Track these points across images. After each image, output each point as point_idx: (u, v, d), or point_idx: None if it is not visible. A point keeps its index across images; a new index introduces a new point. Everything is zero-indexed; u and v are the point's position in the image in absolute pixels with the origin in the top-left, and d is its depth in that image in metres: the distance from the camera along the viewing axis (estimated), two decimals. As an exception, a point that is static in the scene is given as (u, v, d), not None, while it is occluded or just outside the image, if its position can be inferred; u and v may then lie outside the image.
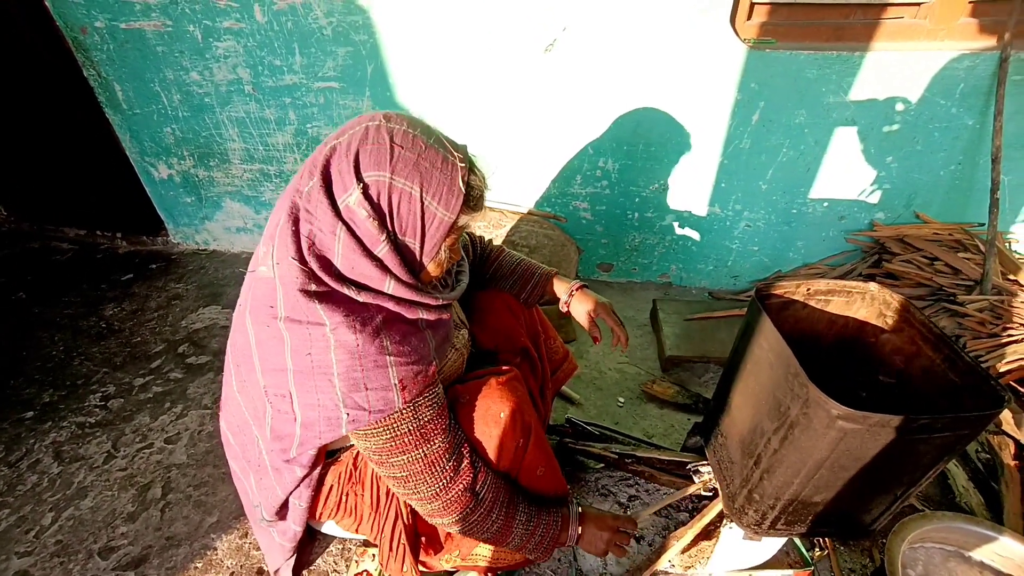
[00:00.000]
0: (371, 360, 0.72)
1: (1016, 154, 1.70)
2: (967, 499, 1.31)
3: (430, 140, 0.73)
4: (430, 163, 0.71)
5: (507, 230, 2.03)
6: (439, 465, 0.81)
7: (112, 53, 1.89)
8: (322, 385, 0.73)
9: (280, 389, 0.77)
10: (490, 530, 0.88)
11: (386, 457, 0.79)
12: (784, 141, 1.78)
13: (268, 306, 0.74)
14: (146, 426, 1.60)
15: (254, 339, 0.78)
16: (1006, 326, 1.57)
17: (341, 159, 0.71)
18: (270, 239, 0.75)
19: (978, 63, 1.57)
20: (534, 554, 0.96)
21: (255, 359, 0.79)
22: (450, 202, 0.73)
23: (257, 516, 1.00)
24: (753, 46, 1.62)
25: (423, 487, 0.82)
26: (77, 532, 1.32)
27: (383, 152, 0.70)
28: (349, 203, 0.70)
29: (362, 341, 0.72)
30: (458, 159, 0.74)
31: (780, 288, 0.96)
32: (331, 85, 1.88)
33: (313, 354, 0.72)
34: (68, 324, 2.02)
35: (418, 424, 0.78)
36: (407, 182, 0.70)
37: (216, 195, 2.27)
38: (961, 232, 1.82)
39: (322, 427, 0.76)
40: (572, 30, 1.65)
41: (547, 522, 0.94)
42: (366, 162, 0.70)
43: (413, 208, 0.72)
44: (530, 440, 0.93)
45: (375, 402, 0.74)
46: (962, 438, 0.73)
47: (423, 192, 0.71)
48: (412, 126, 0.73)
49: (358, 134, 0.72)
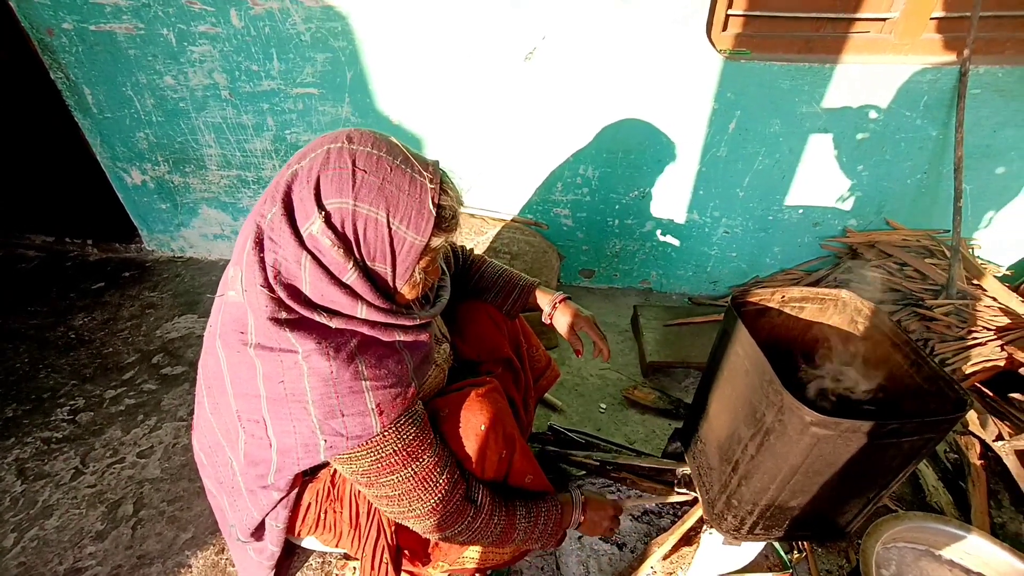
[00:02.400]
0: (346, 386, 0.71)
1: (977, 164, 1.77)
2: (937, 498, 1.35)
3: (396, 160, 0.69)
4: (396, 186, 0.68)
5: (489, 237, 2.03)
6: (431, 480, 0.80)
7: (81, 56, 1.84)
8: (297, 413, 0.72)
9: (253, 415, 0.75)
10: (494, 533, 0.88)
11: (374, 479, 0.78)
12: (760, 149, 1.82)
13: (239, 332, 0.72)
14: (117, 440, 1.55)
15: (225, 364, 0.76)
16: (971, 329, 1.63)
17: (302, 185, 0.68)
18: (237, 262, 0.73)
19: (940, 77, 1.64)
20: (540, 543, 0.96)
21: (227, 383, 0.77)
22: (420, 225, 0.70)
23: (233, 535, 0.97)
24: (728, 57, 1.66)
25: (418, 504, 0.80)
26: (41, 553, 1.26)
27: (345, 178, 0.66)
28: (312, 231, 0.67)
29: (336, 368, 0.70)
30: (427, 179, 0.71)
31: (756, 296, 0.98)
32: (310, 91, 1.86)
33: (286, 382, 0.70)
34: (34, 335, 1.94)
35: (403, 444, 0.77)
36: (372, 208, 0.67)
37: (192, 201, 2.22)
38: (928, 238, 1.89)
39: (299, 453, 0.74)
40: (552, 39, 1.67)
41: (547, 509, 0.94)
42: (327, 189, 0.67)
43: (380, 234, 0.69)
44: (515, 450, 0.92)
45: (352, 428, 0.72)
46: (928, 441, 0.76)
47: (390, 217, 0.68)
48: (377, 146, 0.69)
49: (319, 157, 0.68)
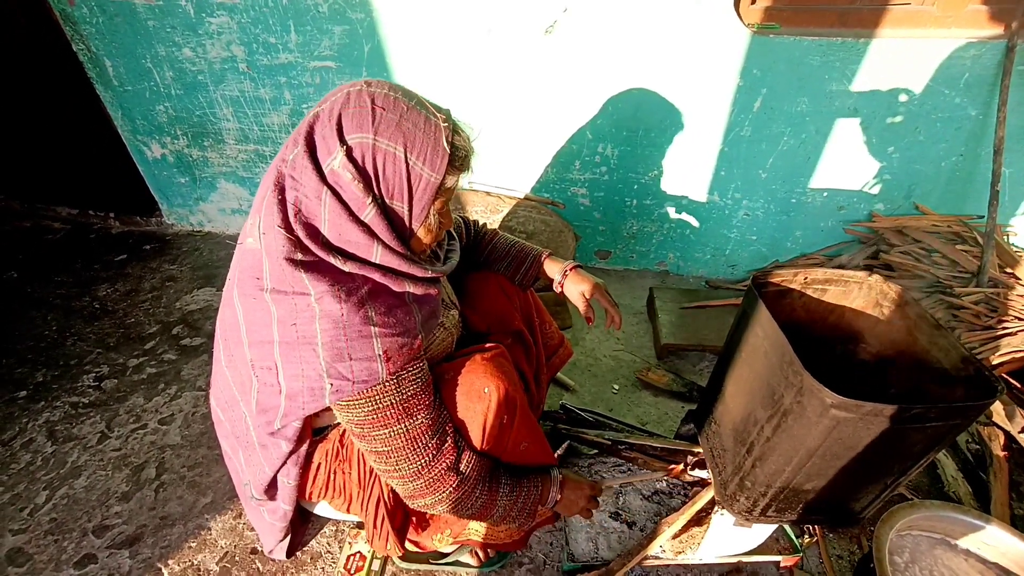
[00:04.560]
0: (355, 330, 0.73)
1: (1018, 146, 1.68)
2: (955, 489, 1.33)
3: (412, 102, 0.73)
4: (412, 124, 0.72)
5: (504, 215, 2.01)
6: (421, 441, 0.81)
7: (101, 27, 1.85)
8: (306, 355, 0.73)
9: (266, 361, 0.77)
10: (474, 507, 0.88)
11: (368, 430, 0.79)
12: (785, 129, 1.76)
13: (255, 278, 0.74)
14: (140, 407, 1.60)
15: (241, 312, 0.78)
16: (1001, 319, 1.58)
17: (324, 124, 0.71)
18: (257, 211, 0.75)
19: (984, 52, 1.55)
20: (516, 521, 0.96)
21: (243, 332, 0.79)
22: (435, 162, 0.73)
23: (247, 494, 1.00)
24: (757, 31, 1.59)
25: (404, 464, 0.81)
26: (71, 510, 1.32)
27: (365, 114, 0.70)
28: (334, 166, 0.70)
29: (347, 311, 0.72)
30: (440, 119, 0.74)
31: (777, 276, 0.95)
32: (327, 64, 1.84)
33: (298, 324, 0.72)
34: (61, 304, 2.00)
35: (401, 398, 0.78)
36: (391, 143, 0.70)
37: (210, 176, 2.24)
38: (960, 224, 1.82)
39: (305, 397, 0.76)
40: (573, 11, 1.62)
41: (528, 489, 0.95)
42: (348, 125, 0.70)
43: (399, 169, 0.72)
44: (516, 416, 0.92)
45: (359, 372, 0.74)
46: (954, 428, 0.74)
47: (407, 152, 0.71)
48: (393, 90, 0.73)
49: (340, 99, 0.72)
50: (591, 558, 1.16)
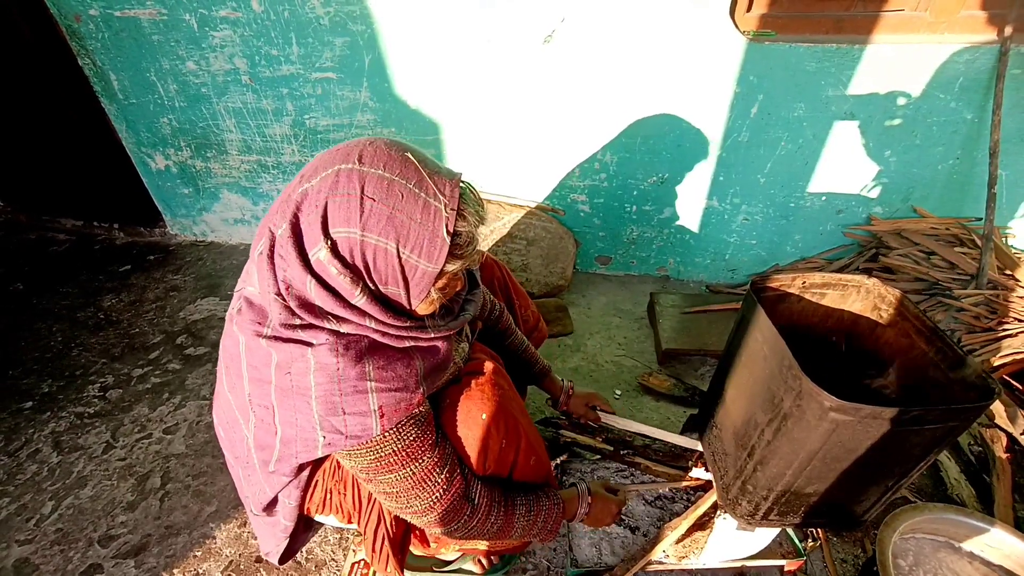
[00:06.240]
0: (351, 385, 0.70)
1: (1014, 148, 1.70)
2: (958, 491, 1.33)
3: (409, 184, 0.65)
4: (407, 215, 0.65)
5: (505, 222, 2.03)
6: (430, 480, 0.80)
7: (107, 41, 1.88)
8: (300, 405, 0.72)
9: (263, 400, 0.76)
10: (491, 530, 0.88)
11: (373, 475, 0.79)
12: (783, 135, 1.78)
13: (256, 322, 0.74)
14: (145, 416, 1.61)
15: (243, 348, 0.77)
16: (1001, 320, 1.58)
17: (311, 210, 0.66)
18: (253, 263, 0.73)
19: (978, 56, 1.57)
20: (539, 537, 0.96)
21: (243, 367, 0.78)
22: (432, 253, 0.67)
23: (248, 506, 1.00)
24: (752, 38, 1.61)
25: (416, 502, 0.81)
26: (77, 520, 1.33)
27: (353, 206, 0.64)
28: (319, 257, 0.66)
29: (343, 365, 0.70)
30: (443, 204, 0.67)
31: (776, 281, 0.96)
32: (328, 76, 1.86)
33: (293, 374, 0.71)
34: (66, 315, 2.02)
35: (403, 444, 0.77)
36: (380, 238, 0.65)
37: (213, 186, 2.26)
38: (958, 227, 1.82)
39: (299, 447, 0.75)
40: (571, 21, 1.64)
41: (547, 507, 0.95)
42: (335, 217, 0.64)
43: (390, 263, 0.67)
44: (520, 436, 0.91)
45: (352, 427, 0.72)
46: (953, 430, 0.74)
47: (400, 247, 0.66)
48: (389, 167, 0.65)
49: (329, 179, 0.65)
50: (595, 563, 1.16)
